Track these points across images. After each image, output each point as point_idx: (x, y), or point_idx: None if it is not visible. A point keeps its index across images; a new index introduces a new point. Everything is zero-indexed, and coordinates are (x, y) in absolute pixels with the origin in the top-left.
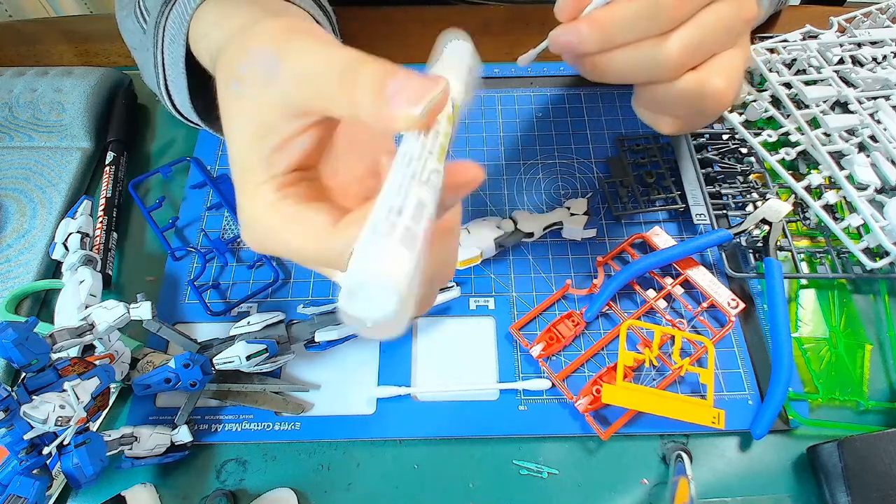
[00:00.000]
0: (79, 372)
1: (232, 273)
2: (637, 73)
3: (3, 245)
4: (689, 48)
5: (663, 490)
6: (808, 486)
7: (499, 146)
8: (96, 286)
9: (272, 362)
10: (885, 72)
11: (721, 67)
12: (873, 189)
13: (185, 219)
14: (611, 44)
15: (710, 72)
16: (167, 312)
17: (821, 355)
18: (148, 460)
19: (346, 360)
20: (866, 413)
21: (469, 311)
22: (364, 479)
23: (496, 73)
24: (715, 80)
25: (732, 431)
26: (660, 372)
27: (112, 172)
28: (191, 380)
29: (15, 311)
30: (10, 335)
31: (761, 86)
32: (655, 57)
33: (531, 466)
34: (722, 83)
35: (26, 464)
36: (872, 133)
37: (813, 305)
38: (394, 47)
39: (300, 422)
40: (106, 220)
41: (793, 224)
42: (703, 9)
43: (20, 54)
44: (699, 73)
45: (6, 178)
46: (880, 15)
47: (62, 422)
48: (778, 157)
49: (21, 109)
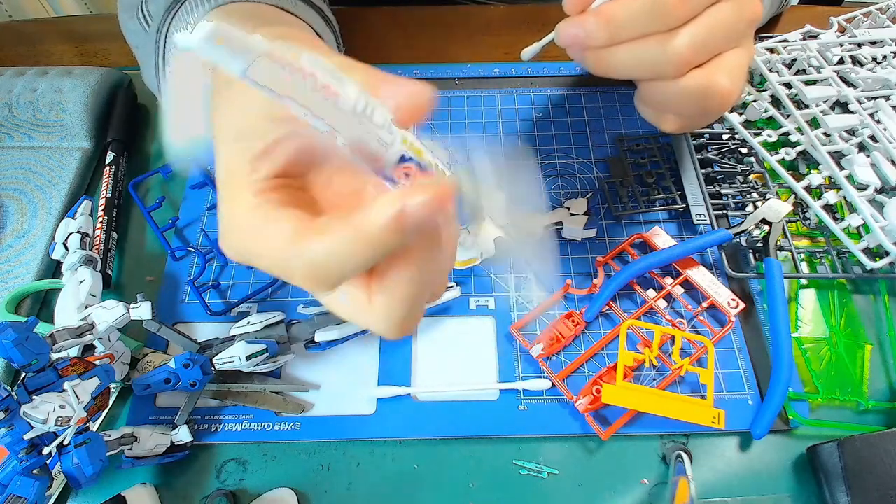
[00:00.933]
0: (79, 372)
1: (232, 273)
2: (642, 69)
3: (3, 245)
4: (696, 45)
5: (663, 490)
6: (808, 486)
7: (499, 146)
8: (96, 286)
9: (272, 362)
10: (885, 72)
11: (726, 66)
12: (873, 189)
13: (185, 219)
14: (617, 38)
15: (716, 70)
16: (167, 312)
17: (821, 355)
18: (148, 460)
19: (346, 360)
20: (866, 413)
21: (469, 311)
22: (364, 479)
23: (496, 73)
24: (720, 79)
25: (732, 431)
26: (660, 372)
27: (112, 172)
28: (191, 380)
29: (15, 311)
30: (10, 335)
31: (761, 86)
32: (662, 53)
33: (531, 466)
34: (727, 82)
35: (26, 464)
36: (872, 133)
37: (813, 305)
38: (394, 47)
39: (300, 422)
40: (106, 220)
41: (793, 224)
42: (708, 8)
43: (20, 54)
44: (704, 70)
45: (6, 178)
46: (880, 15)
47: (62, 422)
48: (778, 157)
49: (21, 109)
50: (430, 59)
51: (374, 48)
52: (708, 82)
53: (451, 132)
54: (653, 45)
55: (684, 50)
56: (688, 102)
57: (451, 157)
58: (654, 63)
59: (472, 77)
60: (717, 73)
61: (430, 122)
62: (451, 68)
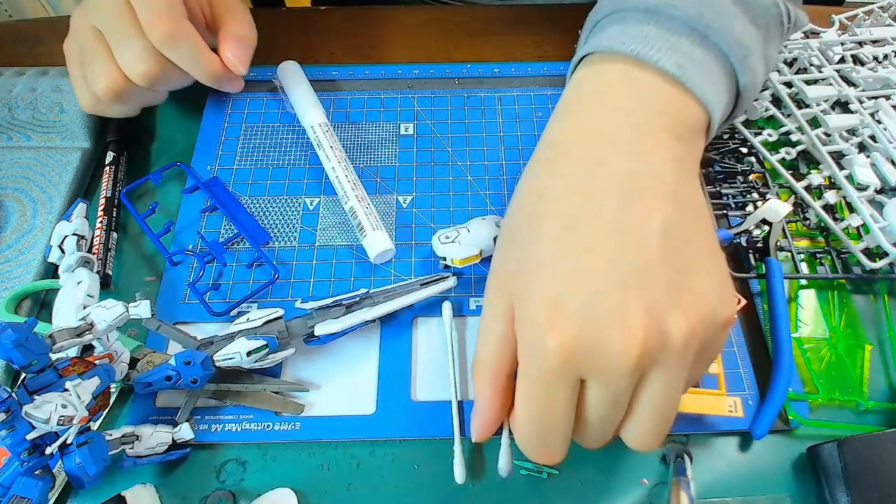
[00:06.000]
0: (79, 372)
1: (232, 273)
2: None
3: (3, 245)
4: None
5: (663, 490)
6: (808, 486)
7: (499, 146)
8: (94, 287)
9: (272, 359)
10: (886, 71)
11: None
12: (873, 189)
13: (182, 222)
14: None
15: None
16: (167, 313)
17: (821, 355)
18: (150, 459)
19: (347, 360)
20: (866, 413)
21: (469, 311)
22: (364, 479)
23: (496, 73)
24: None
25: (732, 431)
26: None
27: (112, 172)
28: (192, 377)
29: (15, 311)
30: (10, 336)
31: None
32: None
33: (531, 466)
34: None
35: (28, 465)
36: (873, 133)
37: (813, 305)
38: (394, 47)
39: (300, 422)
40: (106, 221)
41: (793, 224)
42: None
43: (20, 54)
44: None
45: (6, 178)
46: (882, 13)
47: (64, 421)
48: (778, 157)
49: (21, 109)
50: (430, 59)
51: (374, 48)
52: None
53: (451, 132)
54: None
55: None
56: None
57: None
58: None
59: (472, 77)
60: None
61: (431, 122)
62: (451, 68)
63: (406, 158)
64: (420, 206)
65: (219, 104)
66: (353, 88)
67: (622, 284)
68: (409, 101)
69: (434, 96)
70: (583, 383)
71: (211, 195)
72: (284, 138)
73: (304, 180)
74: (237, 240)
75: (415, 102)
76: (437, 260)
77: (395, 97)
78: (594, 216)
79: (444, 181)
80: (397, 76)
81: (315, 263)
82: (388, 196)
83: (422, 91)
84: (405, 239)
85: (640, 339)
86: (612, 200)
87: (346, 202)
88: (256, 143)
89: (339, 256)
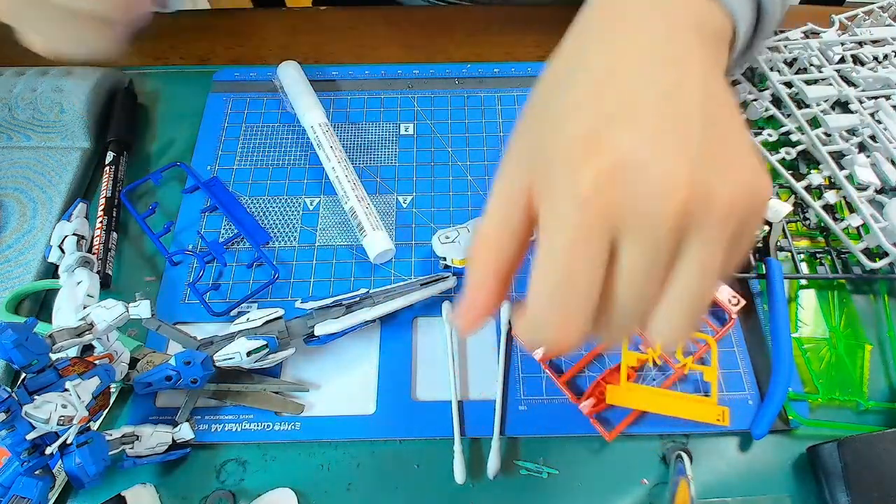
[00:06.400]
0: (79, 372)
1: (232, 273)
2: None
3: (3, 245)
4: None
5: (663, 490)
6: (808, 486)
7: (499, 146)
8: (93, 287)
9: (272, 359)
10: (886, 71)
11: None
12: (873, 189)
13: (182, 222)
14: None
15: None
16: (167, 313)
17: (821, 355)
18: (150, 459)
19: (347, 360)
20: (866, 413)
21: None
22: (364, 479)
23: (496, 73)
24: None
25: (732, 431)
26: (661, 371)
27: (112, 172)
28: (192, 377)
29: (15, 311)
30: (10, 336)
31: (762, 85)
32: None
33: (531, 466)
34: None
35: (29, 465)
36: (873, 133)
37: (813, 305)
38: (394, 47)
39: (300, 422)
40: (106, 220)
41: (793, 224)
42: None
43: (20, 54)
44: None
45: (6, 178)
46: (882, 13)
47: (64, 421)
48: (778, 157)
49: (21, 109)
50: (430, 59)
51: (374, 48)
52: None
53: (451, 132)
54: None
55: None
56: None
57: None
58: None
59: (472, 77)
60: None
61: (431, 122)
62: (451, 68)
63: (406, 158)
64: (420, 206)
65: (219, 104)
66: (353, 88)
67: (666, 133)
68: (409, 101)
69: (434, 96)
70: (613, 255)
71: (211, 195)
72: (284, 138)
73: (304, 180)
74: (237, 240)
75: (415, 102)
76: (437, 260)
77: (395, 97)
78: (634, 73)
79: (444, 181)
80: (397, 76)
81: (315, 263)
82: (388, 196)
83: (422, 91)
84: (405, 239)
85: (684, 191)
86: (649, 63)
87: (346, 202)
88: (256, 143)
89: (339, 256)
